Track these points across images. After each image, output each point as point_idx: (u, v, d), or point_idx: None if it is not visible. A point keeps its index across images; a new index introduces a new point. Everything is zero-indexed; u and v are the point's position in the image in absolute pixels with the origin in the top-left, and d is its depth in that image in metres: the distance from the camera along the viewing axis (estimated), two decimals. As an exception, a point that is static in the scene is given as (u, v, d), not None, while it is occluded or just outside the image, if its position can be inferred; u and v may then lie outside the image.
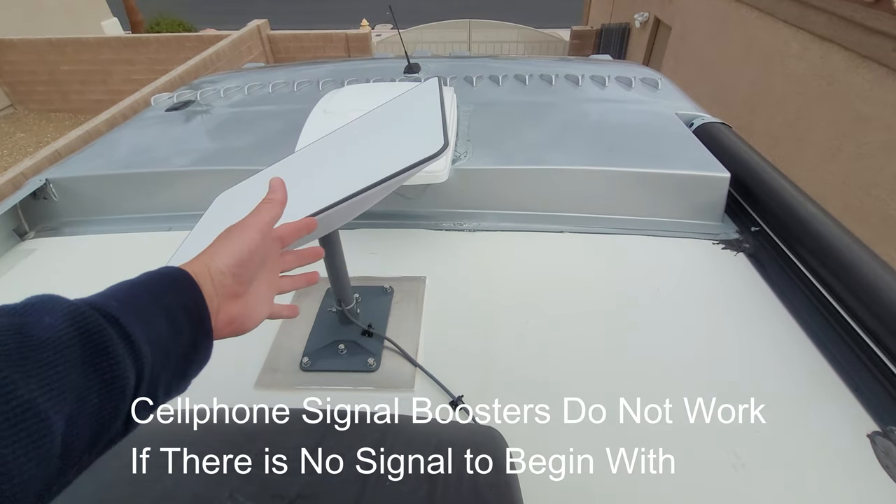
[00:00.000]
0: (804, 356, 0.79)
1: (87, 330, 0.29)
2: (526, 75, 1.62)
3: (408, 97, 0.74)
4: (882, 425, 0.68)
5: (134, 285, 0.37)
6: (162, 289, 0.37)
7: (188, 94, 1.65)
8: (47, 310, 0.29)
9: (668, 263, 0.99)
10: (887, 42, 2.76)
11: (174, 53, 6.16)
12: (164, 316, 0.35)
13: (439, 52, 2.28)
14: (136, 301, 0.35)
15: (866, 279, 0.79)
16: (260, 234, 0.45)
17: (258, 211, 0.47)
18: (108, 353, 0.30)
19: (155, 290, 0.37)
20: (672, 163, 1.10)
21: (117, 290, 0.35)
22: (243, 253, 0.43)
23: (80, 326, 0.29)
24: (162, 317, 0.35)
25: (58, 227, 1.22)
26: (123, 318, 0.32)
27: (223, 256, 0.42)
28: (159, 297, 0.36)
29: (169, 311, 0.36)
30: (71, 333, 0.29)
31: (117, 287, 0.36)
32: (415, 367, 0.78)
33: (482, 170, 1.11)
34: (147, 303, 0.35)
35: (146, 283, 0.37)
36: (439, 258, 1.02)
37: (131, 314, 0.33)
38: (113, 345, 0.30)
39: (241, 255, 0.43)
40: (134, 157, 1.28)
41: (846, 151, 3.14)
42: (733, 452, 0.65)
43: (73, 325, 0.29)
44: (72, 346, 0.28)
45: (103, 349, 0.30)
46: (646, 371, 0.77)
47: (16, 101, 7.05)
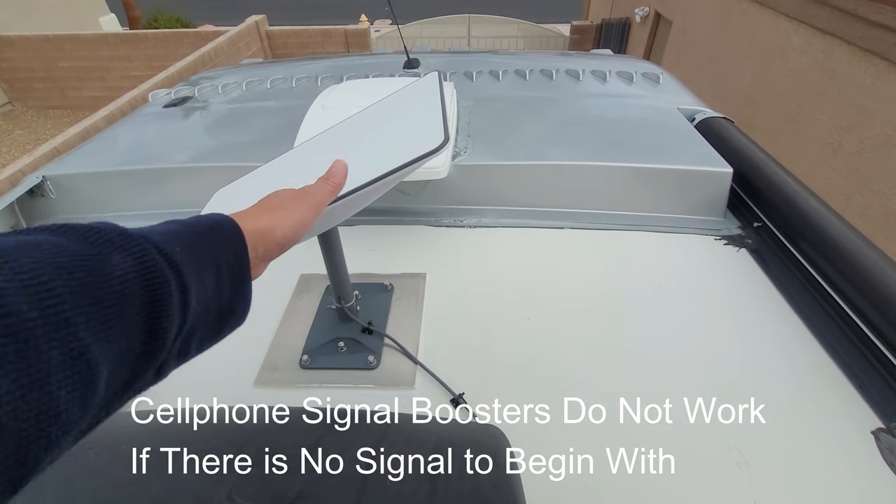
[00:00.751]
0: (807, 352, 0.78)
1: (153, 279, 0.28)
2: (526, 70, 1.61)
3: (407, 92, 0.73)
4: (886, 422, 0.67)
5: (194, 231, 0.35)
6: (216, 241, 0.36)
7: (186, 91, 1.64)
8: (117, 245, 0.28)
9: (670, 259, 0.98)
10: (890, 36, 2.75)
11: (172, 49, 6.14)
12: (214, 271, 0.34)
13: (439, 48, 2.27)
14: (197, 252, 0.33)
15: (870, 275, 0.79)
16: (316, 213, 0.45)
17: (317, 190, 0.47)
18: (164, 305, 0.29)
19: (211, 240, 0.36)
20: (674, 158, 1.09)
21: (179, 232, 0.34)
22: (299, 230, 0.43)
23: (147, 274, 0.28)
24: (212, 271, 0.34)
25: None
26: (185, 270, 0.31)
27: (283, 228, 0.42)
28: (213, 249, 0.35)
29: (218, 267, 0.35)
30: (136, 280, 0.27)
31: (177, 229, 0.34)
32: (415, 365, 0.78)
33: (482, 165, 1.10)
34: (203, 254, 0.34)
35: (204, 233, 0.36)
36: (440, 255, 1.01)
37: (192, 266, 0.32)
38: (171, 298, 0.29)
39: (297, 232, 0.43)
40: (132, 154, 1.27)
41: (848, 146, 3.13)
42: (736, 450, 0.64)
43: (140, 273, 0.28)
44: (134, 293, 0.27)
45: (161, 302, 0.29)
46: (647, 368, 0.76)
47: (14, 98, 7.02)
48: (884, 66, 2.84)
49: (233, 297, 0.36)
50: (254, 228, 0.40)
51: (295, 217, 0.43)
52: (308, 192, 0.47)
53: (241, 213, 0.42)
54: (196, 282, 0.32)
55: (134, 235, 0.30)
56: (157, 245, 0.30)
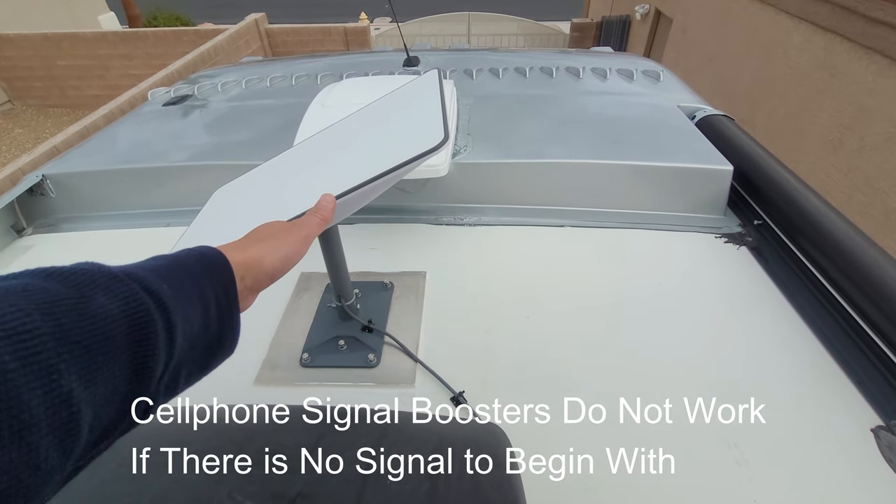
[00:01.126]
0: (807, 350, 0.78)
1: (139, 319, 0.28)
2: (526, 68, 1.60)
3: (407, 90, 0.73)
4: (886, 419, 0.67)
5: (181, 265, 0.35)
6: (203, 275, 0.36)
7: (186, 89, 1.64)
8: (102, 286, 0.28)
9: (670, 257, 0.98)
10: (891, 33, 2.74)
11: (171, 48, 6.12)
12: (201, 305, 0.34)
13: (439, 46, 2.26)
14: (183, 288, 0.33)
15: (870, 273, 0.79)
16: (305, 245, 0.46)
17: (308, 223, 0.47)
18: (151, 345, 0.29)
19: (198, 274, 0.35)
20: (674, 156, 1.09)
21: (166, 268, 0.34)
22: (289, 261, 0.43)
23: (133, 314, 0.28)
24: (199, 306, 0.34)
25: (55, 224, 1.21)
26: (172, 307, 0.30)
27: (272, 259, 0.42)
28: (200, 283, 0.35)
29: (206, 301, 0.35)
30: (122, 321, 0.27)
31: (164, 264, 0.34)
32: (415, 363, 0.78)
33: (482, 164, 1.10)
34: (190, 290, 0.34)
35: (190, 267, 0.35)
36: (440, 253, 1.01)
37: (178, 302, 0.31)
38: (157, 338, 0.29)
39: (287, 263, 0.43)
40: (131, 153, 1.27)
41: (849, 144, 3.12)
42: (736, 448, 0.64)
43: (127, 313, 0.28)
44: (120, 334, 0.27)
45: (147, 341, 0.28)
46: (648, 366, 0.76)
47: (13, 96, 7.01)
48: (885, 64, 2.83)
49: (221, 330, 0.36)
50: (242, 260, 0.40)
51: (284, 249, 0.44)
52: (298, 224, 0.47)
53: (230, 245, 0.42)
54: (182, 318, 0.32)
55: (119, 275, 0.30)
56: (143, 283, 0.30)
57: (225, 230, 0.61)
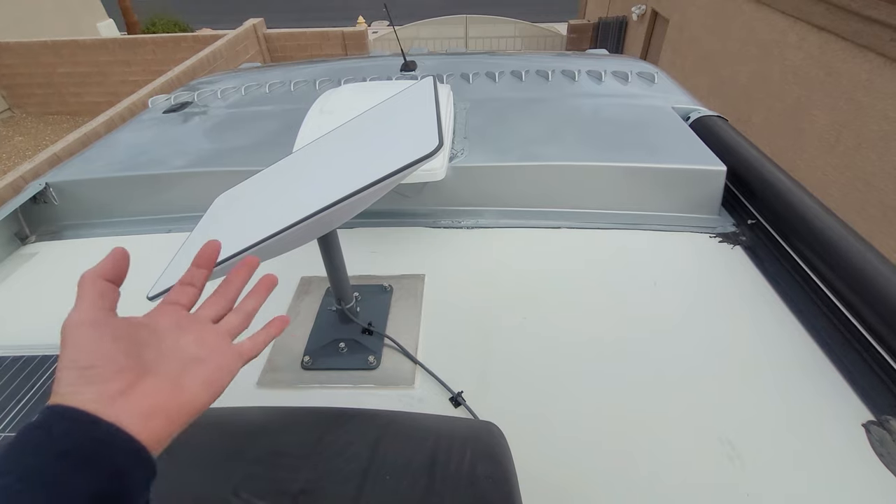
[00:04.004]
0: (800, 347, 0.79)
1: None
2: (522, 71, 1.62)
3: (403, 97, 0.75)
4: (877, 414, 0.68)
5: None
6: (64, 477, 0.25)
7: (185, 96, 1.66)
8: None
9: (666, 257, 0.99)
10: (885, 31, 2.75)
11: (171, 54, 6.14)
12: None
13: (436, 49, 2.28)
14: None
15: (861, 270, 0.80)
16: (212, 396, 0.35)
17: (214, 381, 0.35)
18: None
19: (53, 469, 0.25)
20: (668, 157, 1.11)
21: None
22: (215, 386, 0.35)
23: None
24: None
25: (58, 231, 1.22)
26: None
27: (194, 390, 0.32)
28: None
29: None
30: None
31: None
32: (415, 365, 0.79)
33: (479, 167, 1.11)
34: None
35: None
36: (438, 256, 1.03)
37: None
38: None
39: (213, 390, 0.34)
40: (132, 160, 1.29)
41: (845, 142, 3.14)
42: (730, 444, 0.66)
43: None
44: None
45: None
46: (643, 364, 0.77)
47: (13, 104, 7.04)
48: (879, 62, 2.85)
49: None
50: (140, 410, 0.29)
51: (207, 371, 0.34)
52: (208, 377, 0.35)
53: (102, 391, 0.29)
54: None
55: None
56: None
57: (227, 237, 0.63)
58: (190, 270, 0.42)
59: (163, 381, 0.32)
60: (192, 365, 0.35)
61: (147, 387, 0.31)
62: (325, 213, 0.54)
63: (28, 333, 0.90)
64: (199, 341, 0.37)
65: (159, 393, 0.31)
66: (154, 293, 0.58)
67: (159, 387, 0.32)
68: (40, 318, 0.93)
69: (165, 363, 0.34)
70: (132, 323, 0.35)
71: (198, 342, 0.37)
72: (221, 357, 0.37)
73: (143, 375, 0.32)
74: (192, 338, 0.37)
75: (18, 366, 0.77)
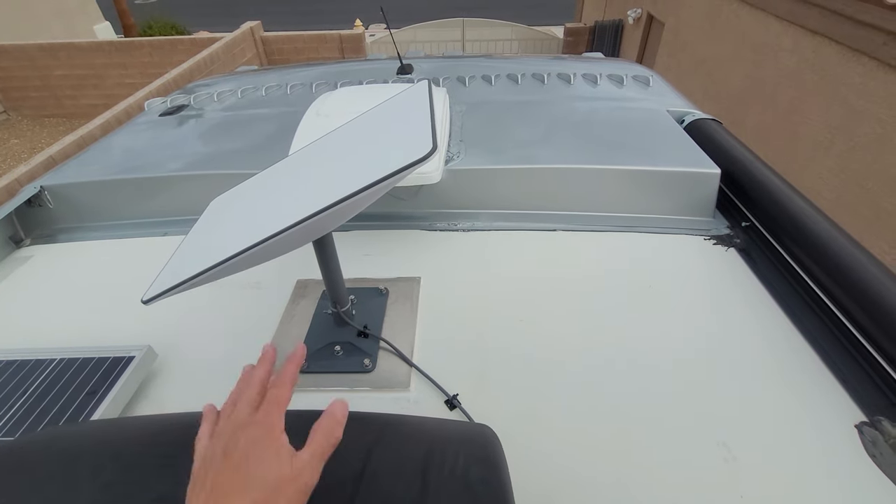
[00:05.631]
0: (793, 349, 0.80)
1: None
2: (518, 74, 1.63)
3: (398, 100, 0.75)
4: (869, 415, 0.69)
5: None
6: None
7: (182, 99, 1.66)
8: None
9: (660, 260, 1.00)
10: (877, 35, 2.78)
11: (167, 56, 6.14)
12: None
13: (433, 52, 2.28)
14: None
15: (854, 272, 0.81)
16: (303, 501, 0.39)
17: (305, 484, 0.40)
18: None
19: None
20: (663, 160, 1.11)
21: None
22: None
23: None
24: None
25: (53, 234, 1.22)
26: None
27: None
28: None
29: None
30: None
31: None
32: (410, 367, 0.79)
33: (475, 170, 1.12)
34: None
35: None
36: (434, 258, 1.03)
37: None
38: None
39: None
40: (128, 163, 1.28)
41: (839, 145, 3.16)
42: (724, 446, 0.66)
43: None
44: None
45: None
46: (638, 368, 0.78)
47: (9, 107, 7.02)
48: (872, 65, 2.87)
49: None
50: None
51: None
52: (296, 478, 0.39)
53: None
54: None
55: None
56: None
57: (223, 240, 0.63)
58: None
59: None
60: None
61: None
62: (321, 216, 0.54)
63: (22, 337, 0.89)
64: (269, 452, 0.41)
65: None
66: (149, 297, 0.58)
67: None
68: (35, 322, 0.93)
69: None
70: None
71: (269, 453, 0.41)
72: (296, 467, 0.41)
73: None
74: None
75: (11, 370, 0.77)
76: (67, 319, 0.92)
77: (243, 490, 0.37)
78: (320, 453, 0.42)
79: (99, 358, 0.78)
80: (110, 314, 0.93)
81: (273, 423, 0.42)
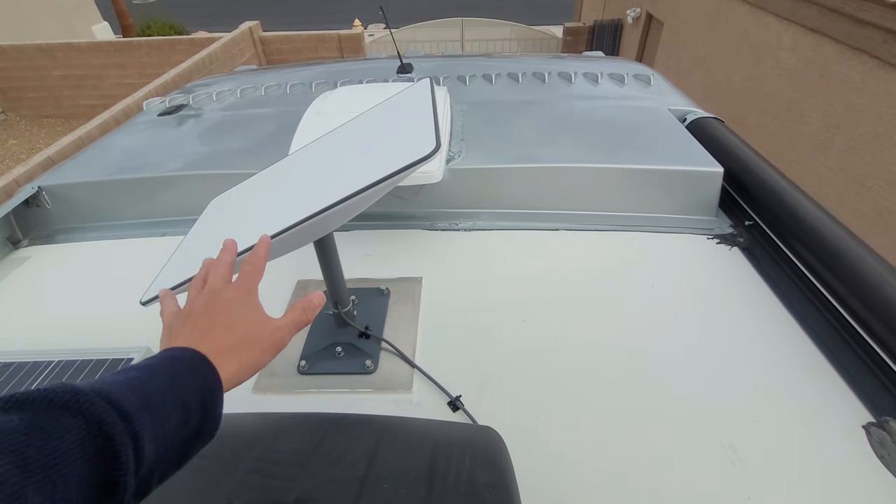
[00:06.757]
0: (799, 349, 0.79)
1: (104, 434, 0.29)
2: (519, 73, 1.62)
3: (400, 98, 0.74)
4: (876, 415, 0.68)
5: (156, 373, 0.36)
6: (183, 376, 0.36)
7: (180, 99, 1.65)
8: (70, 406, 0.29)
9: (663, 259, 0.99)
10: (877, 33, 2.78)
11: (166, 57, 6.13)
12: (179, 406, 0.35)
13: (432, 52, 2.28)
14: (154, 393, 0.34)
15: (860, 271, 0.80)
16: (272, 356, 0.44)
17: (280, 339, 0.45)
18: (116, 459, 0.29)
19: (177, 375, 0.36)
20: (665, 159, 1.11)
21: (137, 377, 0.34)
22: (254, 369, 0.43)
23: (97, 431, 0.29)
24: (176, 407, 0.34)
25: (51, 235, 1.21)
26: (136, 416, 0.31)
27: (238, 371, 0.41)
28: (178, 384, 0.36)
29: (185, 401, 0.35)
30: (88, 440, 0.29)
31: (138, 373, 0.35)
32: (412, 368, 0.78)
33: (476, 169, 1.11)
34: (165, 393, 0.34)
35: (170, 370, 0.36)
36: (435, 258, 1.02)
37: (145, 411, 0.32)
38: (124, 449, 0.30)
39: (251, 371, 0.42)
40: (127, 163, 1.28)
41: (839, 143, 3.16)
42: (730, 447, 0.65)
43: (91, 431, 0.29)
44: (85, 454, 0.28)
45: (112, 456, 0.29)
46: (642, 367, 0.77)
47: (7, 107, 7.00)
48: (872, 64, 2.87)
49: (200, 424, 0.36)
50: (225, 377, 0.39)
51: (249, 359, 0.42)
52: (277, 329, 0.45)
53: (206, 351, 0.40)
54: (151, 428, 0.32)
55: (85, 392, 0.30)
56: (107, 396, 0.31)
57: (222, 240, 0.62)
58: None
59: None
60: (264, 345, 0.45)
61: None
62: (322, 216, 0.53)
63: (20, 338, 0.88)
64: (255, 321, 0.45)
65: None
66: (147, 298, 0.57)
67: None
68: (32, 323, 0.92)
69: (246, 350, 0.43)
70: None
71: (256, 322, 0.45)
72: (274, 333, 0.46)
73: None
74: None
75: (9, 373, 0.76)
76: (65, 321, 0.92)
77: (229, 328, 0.41)
78: (296, 323, 0.46)
79: (97, 360, 0.77)
80: (109, 315, 0.92)
81: (250, 289, 0.45)
